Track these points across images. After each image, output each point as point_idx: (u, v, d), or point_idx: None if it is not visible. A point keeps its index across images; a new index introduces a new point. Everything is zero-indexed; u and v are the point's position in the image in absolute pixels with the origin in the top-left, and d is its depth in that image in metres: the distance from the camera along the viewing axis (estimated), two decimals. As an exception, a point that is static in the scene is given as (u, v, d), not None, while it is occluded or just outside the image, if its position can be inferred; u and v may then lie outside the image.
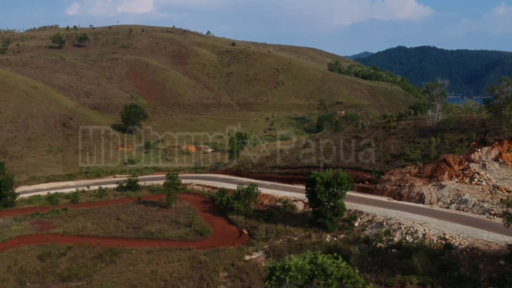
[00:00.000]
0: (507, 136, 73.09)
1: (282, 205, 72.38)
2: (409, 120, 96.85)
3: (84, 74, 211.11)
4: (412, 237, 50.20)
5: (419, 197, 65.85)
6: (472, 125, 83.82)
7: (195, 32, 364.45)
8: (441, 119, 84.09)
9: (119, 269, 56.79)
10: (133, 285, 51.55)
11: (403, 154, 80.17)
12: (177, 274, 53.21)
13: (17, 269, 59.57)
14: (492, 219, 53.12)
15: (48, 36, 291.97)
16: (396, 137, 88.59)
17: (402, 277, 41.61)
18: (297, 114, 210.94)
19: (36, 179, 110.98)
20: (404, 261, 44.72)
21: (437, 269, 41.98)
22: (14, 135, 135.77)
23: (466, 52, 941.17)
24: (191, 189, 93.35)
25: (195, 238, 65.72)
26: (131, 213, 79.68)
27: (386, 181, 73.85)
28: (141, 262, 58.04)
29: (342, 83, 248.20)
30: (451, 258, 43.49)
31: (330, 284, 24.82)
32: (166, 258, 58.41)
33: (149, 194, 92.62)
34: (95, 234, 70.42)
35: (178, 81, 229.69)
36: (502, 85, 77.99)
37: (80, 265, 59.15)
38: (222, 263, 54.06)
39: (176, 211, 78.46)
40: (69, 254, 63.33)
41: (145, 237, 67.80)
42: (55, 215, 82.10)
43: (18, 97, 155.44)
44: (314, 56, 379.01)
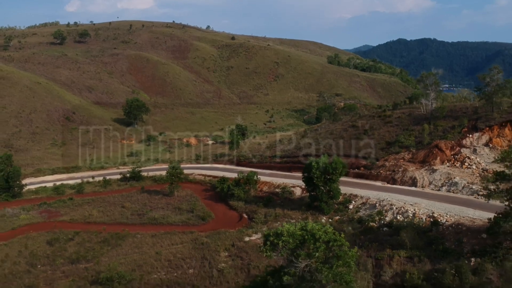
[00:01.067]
0: (497, 122, 75.53)
1: (280, 191, 75.16)
2: (404, 109, 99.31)
3: (85, 69, 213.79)
4: (402, 216, 52.95)
5: (411, 181, 68.49)
6: (465, 112, 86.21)
7: (195, 27, 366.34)
8: (435, 107, 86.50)
9: (125, 252, 59.68)
10: (139, 265, 54.47)
11: (397, 141, 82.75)
12: (180, 254, 56.12)
13: (28, 253, 62.39)
14: (479, 199, 55.69)
15: (49, 32, 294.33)
16: (391, 125, 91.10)
17: (391, 251, 44.40)
18: (297, 107, 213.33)
19: (41, 171, 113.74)
20: (394, 238, 47.48)
21: (424, 243, 44.72)
22: (19, 129, 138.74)
23: (467, 43, 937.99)
24: (193, 178, 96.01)
25: (197, 222, 68.56)
26: (135, 201, 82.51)
27: (380, 167, 76.48)
28: (146, 245, 60.89)
29: (341, 75, 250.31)
30: (437, 234, 46.22)
31: (318, 247, 27.49)
32: (169, 241, 61.25)
33: (152, 183, 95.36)
34: (101, 221, 73.19)
35: (178, 75, 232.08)
36: (493, 73, 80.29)
37: (88, 248, 61.99)
38: (223, 244, 56.91)
39: (178, 199, 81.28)
40: (76, 239, 66.13)
41: (149, 222, 70.62)
42: (61, 205, 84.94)
43: (22, 93, 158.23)
44: (314, 49, 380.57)
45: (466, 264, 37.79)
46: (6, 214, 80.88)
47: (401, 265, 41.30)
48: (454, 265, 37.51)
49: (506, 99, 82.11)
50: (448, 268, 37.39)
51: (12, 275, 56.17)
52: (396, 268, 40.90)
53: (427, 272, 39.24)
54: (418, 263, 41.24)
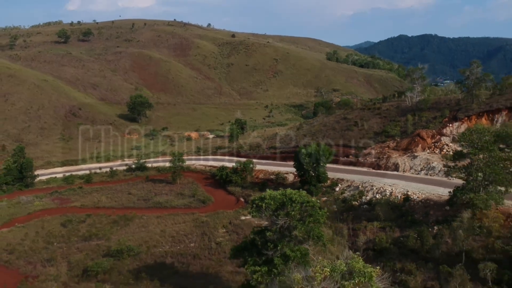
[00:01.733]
0: (475, 112, 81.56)
1: (275, 177, 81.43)
2: (393, 102, 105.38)
3: (90, 67, 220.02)
4: (381, 195, 59.14)
5: (394, 167, 74.64)
6: (448, 104, 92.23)
7: (196, 25, 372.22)
8: (419, 99, 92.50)
9: (132, 230, 66.10)
10: (146, 241, 60.85)
11: (384, 131, 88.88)
12: (183, 231, 62.51)
13: (44, 233, 68.83)
14: (452, 180, 61.67)
15: (52, 31, 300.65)
16: (379, 117, 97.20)
17: (367, 223, 50.64)
18: (295, 102, 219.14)
19: (51, 164, 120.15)
20: (371, 213, 53.68)
21: (396, 216, 50.91)
22: (28, 125, 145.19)
23: (468, 39, 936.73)
24: (194, 168, 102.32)
25: (198, 205, 74.96)
26: (140, 188, 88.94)
27: (367, 154, 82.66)
28: (152, 225, 67.31)
29: (339, 71, 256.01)
30: (409, 208, 52.41)
31: (294, 207, 33.65)
32: (173, 221, 67.63)
33: (156, 173, 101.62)
34: (110, 206, 79.66)
35: (180, 72, 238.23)
36: (472, 67, 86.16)
37: (99, 228, 68.40)
38: (221, 222, 63.27)
39: (181, 186, 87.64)
40: (88, 221, 72.55)
41: (154, 206, 77.03)
42: (72, 193, 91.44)
43: (30, 90, 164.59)
44: (313, 46, 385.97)
45: (428, 230, 43.91)
46: (21, 201, 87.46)
47: (374, 234, 47.49)
48: (417, 230, 43.65)
49: (484, 91, 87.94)
50: (412, 234, 43.53)
51: (31, 251, 62.60)
52: (369, 236, 47.08)
53: (396, 238, 45.43)
54: (389, 231, 47.41)
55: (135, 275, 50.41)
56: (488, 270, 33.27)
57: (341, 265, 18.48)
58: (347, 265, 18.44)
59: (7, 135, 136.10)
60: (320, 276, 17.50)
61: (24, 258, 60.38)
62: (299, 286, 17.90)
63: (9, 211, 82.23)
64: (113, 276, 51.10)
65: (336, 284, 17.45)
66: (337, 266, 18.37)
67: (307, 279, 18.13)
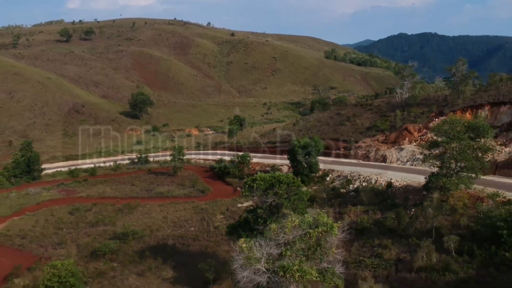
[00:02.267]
0: (460, 107, 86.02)
1: (270, 169, 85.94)
2: (384, 98, 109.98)
3: (92, 65, 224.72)
4: (366, 183, 63.80)
5: (382, 158, 79.25)
6: (437, 100, 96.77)
7: (196, 24, 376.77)
8: (408, 96, 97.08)
9: (136, 217, 70.76)
10: (149, 226, 65.49)
11: (375, 126, 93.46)
12: (183, 217, 67.18)
13: (54, 220, 73.46)
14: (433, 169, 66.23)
15: (54, 30, 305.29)
16: (371, 112, 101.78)
17: (352, 207, 55.27)
18: (293, 100, 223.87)
19: (56, 158, 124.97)
20: (357, 198, 58.35)
21: (379, 200, 55.54)
22: (33, 121, 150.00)
23: (468, 37, 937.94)
24: (194, 162, 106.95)
25: (198, 195, 79.64)
26: (143, 180, 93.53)
27: (358, 147, 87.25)
28: (154, 212, 71.99)
29: (337, 69, 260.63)
30: (391, 193, 57.05)
31: (282, 187, 38.28)
32: (174, 208, 72.28)
33: (158, 166, 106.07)
34: (114, 196, 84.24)
35: (180, 70, 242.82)
36: (458, 65, 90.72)
37: (104, 216, 72.99)
38: (219, 209, 68.00)
39: (181, 178, 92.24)
40: (94, 209, 77.17)
41: (156, 196, 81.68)
42: (77, 185, 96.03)
43: (34, 88, 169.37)
44: (312, 45, 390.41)
45: (406, 211, 48.51)
46: (30, 192, 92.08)
47: (357, 216, 52.13)
48: (395, 212, 48.29)
49: (470, 87, 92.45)
50: (390, 215, 48.18)
51: (42, 236, 67.22)
52: (353, 218, 51.70)
53: (376, 219, 50.07)
54: (371, 214, 52.02)
55: (139, 254, 55.08)
56: (451, 242, 37.85)
57: (308, 218, 23.02)
58: (313, 219, 22.94)
59: (13, 131, 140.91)
60: (290, 225, 21.99)
61: (36, 242, 65.03)
62: (274, 233, 22.40)
63: (18, 201, 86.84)
64: (119, 256, 55.76)
65: (303, 231, 21.92)
66: (305, 218, 22.91)
67: (281, 228, 22.63)
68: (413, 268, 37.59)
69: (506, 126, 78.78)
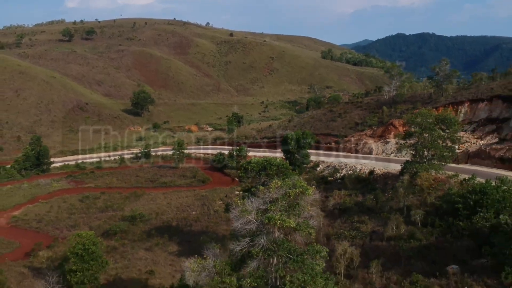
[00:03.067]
0: (442, 104, 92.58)
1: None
2: (373, 96, 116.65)
3: (94, 64, 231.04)
4: (352, 172, 70.38)
5: (369, 151, 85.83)
6: (422, 98, 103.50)
7: (195, 24, 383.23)
8: (395, 93, 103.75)
9: (142, 203, 77.27)
10: (154, 211, 72.04)
11: (364, 122, 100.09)
12: (186, 203, 73.78)
13: (66, 207, 79.86)
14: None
15: (56, 30, 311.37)
16: (361, 109, 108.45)
17: (338, 191, 61.91)
18: (290, 98, 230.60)
19: (63, 153, 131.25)
20: (342, 184, 64.96)
21: (361, 186, 62.21)
22: (39, 118, 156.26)
23: (465, 38, 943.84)
24: (195, 155, 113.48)
25: (198, 184, 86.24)
26: (147, 172, 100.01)
27: (347, 141, 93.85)
28: (159, 199, 78.52)
29: (333, 69, 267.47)
30: (372, 180, 63.65)
31: (273, 168, 44.76)
32: (177, 196, 78.82)
33: (160, 160, 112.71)
34: (121, 186, 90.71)
35: (180, 70, 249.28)
36: (441, 64, 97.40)
37: (113, 203, 79.47)
38: (218, 196, 74.64)
39: (183, 170, 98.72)
40: (102, 197, 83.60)
41: (160, 186, 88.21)
42: (85, 176, 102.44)
43: (40, 86, 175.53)
44: (309, 45, 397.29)
45: (383, 194, 55.12)
46: (40, 183, 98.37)
47: (341, 198, 58.74)
48: (374, 193, 54.87)
49: (452, 86, 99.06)
50: (370, 196, 54.77)
51: (57, 219, 73.68)
52: (337, 200, 58.31)
53: (358, 201, 56.68)
54: (354, 196, 58.66)
55: (147, 233, 61.67)
56: (417, 215, 44.34)
57: (288, 181, 29.42)
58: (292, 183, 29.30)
59: (21, 127, 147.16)
60: (274, 185, 28.39)
61: (52, 225, 71.48)
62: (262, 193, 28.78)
63: (31, 191, 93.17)
64: (129, 235, 62.32)
65: (284, 191, 28.27)
66: (286, 182, 29.32)
67: (267, 188, 29.00)
68: (384, 238, 44.16)
69: (483, 121, 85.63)
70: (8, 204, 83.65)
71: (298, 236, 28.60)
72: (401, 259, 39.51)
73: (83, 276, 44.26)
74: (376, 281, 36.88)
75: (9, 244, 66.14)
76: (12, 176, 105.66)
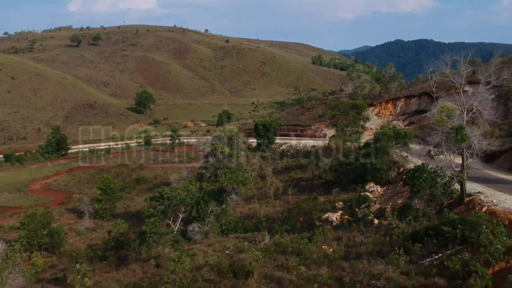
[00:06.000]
0: (384, 99, 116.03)
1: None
2: (337, 95, 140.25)
3: (101, 68, 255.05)
4: (301, 147, 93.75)
5: (324, 136, 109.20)
6: (373, 95, 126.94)
7: (194, 30, 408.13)
8: (350, 92, 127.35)
9: (145, 174, 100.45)
10: (155, 177, 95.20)
11: (325, 114, 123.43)
12: (181, 174, 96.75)
13: (85, 177, 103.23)
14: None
15: (64, 36, 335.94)
16: (325, 105, 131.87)
17: (287, 158, 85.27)
18: (278, 99, 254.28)
19: (76, 142, 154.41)
20: (292, 155, 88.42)
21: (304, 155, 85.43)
22: (54, 113, 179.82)
23: (463, 44, 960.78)
24: (187, 143, 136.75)
25: (190, 161, 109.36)
26: (148, 154, 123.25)
27: (309, 129, 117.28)
28: (158, 171, 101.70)
29: (319, 73, 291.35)
30: (313, 151, 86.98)
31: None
32: (172, 170, 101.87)
33: (160, 146, 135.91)
34: (128, 163, 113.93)
35: (179, 73, 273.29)
36: (387, 68, 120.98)
37: (123, 173, 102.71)
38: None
39: (178, 152, 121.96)
40: (114, 170, 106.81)
41: (159, 163, 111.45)
42: (97, 159, 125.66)
43: (54, 86, 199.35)
44: (302, 51, 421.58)
45: (315, 157, 78.49)
46: (61, 163, 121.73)
47: (287, 163, 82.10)
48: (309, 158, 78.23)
49: (395, 85, 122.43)
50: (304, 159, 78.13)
51: (79, 183, 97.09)
52: (285, 162, 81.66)
53: (299, 164, 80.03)
54: (296, 161, 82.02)
55: (148, 189, 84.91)
56: (326, 165, 67.67)
57: (226, 128, 52.63)
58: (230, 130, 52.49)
59: (40, 121, 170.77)
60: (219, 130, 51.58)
61: (76, 187, 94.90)
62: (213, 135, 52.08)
63: (55, 168, 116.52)
64: (134, 190, 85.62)
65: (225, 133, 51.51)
66: (225, 129, 52.63)
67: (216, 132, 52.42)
68: (303, 179, 67.50)
69: (413, 113, 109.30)
70: (39, 176, 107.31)
71: (234, 159, 52.04)
72: (309, 188, 62.92)
73: (106, 204, 67.55)
74: (291, 200, 60.23)
75: (46, 199, 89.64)
76: (37, 159, 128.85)
